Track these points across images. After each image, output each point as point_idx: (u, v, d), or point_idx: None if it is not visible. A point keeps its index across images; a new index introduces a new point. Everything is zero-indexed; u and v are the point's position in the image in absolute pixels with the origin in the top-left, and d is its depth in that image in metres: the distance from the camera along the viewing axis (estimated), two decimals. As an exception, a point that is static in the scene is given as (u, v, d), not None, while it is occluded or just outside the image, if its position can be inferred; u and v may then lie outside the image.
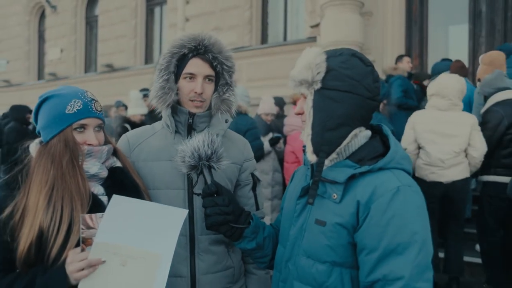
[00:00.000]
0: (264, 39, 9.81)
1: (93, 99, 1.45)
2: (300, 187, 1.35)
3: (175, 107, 1.66)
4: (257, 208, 1.81)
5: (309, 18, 8.61)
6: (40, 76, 15.75)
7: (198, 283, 1.64)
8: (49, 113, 1.41)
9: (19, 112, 6.99)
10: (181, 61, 1.64)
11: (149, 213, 1.33)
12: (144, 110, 5.86)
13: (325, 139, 1.22)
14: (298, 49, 8.93)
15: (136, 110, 5.75)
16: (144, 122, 5.59)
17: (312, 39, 8.11)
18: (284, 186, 5.26)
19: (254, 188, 1.82)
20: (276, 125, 5.43)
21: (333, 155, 1.24)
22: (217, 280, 1.67)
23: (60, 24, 14.36)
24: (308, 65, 1.25)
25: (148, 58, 12.52)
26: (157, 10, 12.48)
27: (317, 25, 7.59)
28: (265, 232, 1.48)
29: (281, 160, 5.24)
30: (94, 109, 1.44)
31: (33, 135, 1.51)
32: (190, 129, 1.67)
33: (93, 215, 1.29)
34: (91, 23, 14.09)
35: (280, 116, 6.01)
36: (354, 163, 1.22)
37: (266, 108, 5.14)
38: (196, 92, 1.61)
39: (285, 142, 5.16)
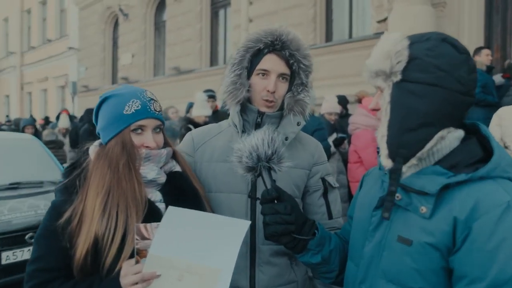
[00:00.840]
0: (328, 37, 9.54)
1: (152, 99, 1.39)
2: (374, 195, 1.16)
3: (245, 105, 1.56)
4: (330, 217, 1.64)
5: (376, 13, 8.22)
6: (114, 80, 16.67)
7: None
8: (108, 113, 1.36)
9: (91, 115, 7.33)
10: (255, 56, 1.54)
11: (207, 224, 1.23)
12: (208, 112, 5.89)
13: (404, 141, 1.04)
14: (364, 46, 8.55)
15: (201, 111, 5.79)
16: (208, 123, 5.59)
17: (379, 35, 7.60)
18: (349, 188, 5.01)
19: (325, 195, 1.65)
20: (340, 125, 5.20)
21: (413, 161, 1.04)
22: None
23: (131, 31, 15.08)
24: (387, 53, 1.06)
25: (213, 60, 12.73)
26: (221, 12, 12.65)
27: (384, 20, 7.22)
28: (331, 244, 1.30)
29: (345, 162, 4.99)
30: (153, 109, 1.37)
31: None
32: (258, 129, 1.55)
33: (148, 225, 1.21)
34: (159, 28, 14.64)
35: (345, 115, 5.75)
36: (445, 169, 1.01)
37: (329, 107, 4.94)
38: (268, 91, 1.50)
39: (349, 142, 4.90)
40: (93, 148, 1.41)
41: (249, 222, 1.23)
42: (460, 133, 1.06)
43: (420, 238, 0.99)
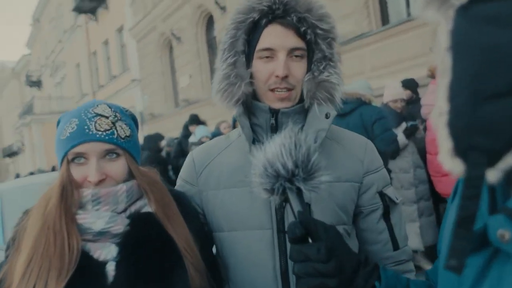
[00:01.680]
0: (384, 20, 8.76)
1: (98, 115, 1.02)
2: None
3: (250, 104, 1.14)
4: (396, 247, 1.19)
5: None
6: (176, 104, 16.98)
7: None
8: (55, 141, 1.07)
9: (151, 141, 7.31)
10: (252, 33, 1.12)
11: None
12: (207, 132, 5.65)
13: (482, 120, 0.52)
14: (426, 23, 7.71)
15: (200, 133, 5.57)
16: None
17: (442, 5, 6.86)
18: (431, 183, 4.30)
19: (386, 216, 1.18)
20: (409, 112, 4.52)
21: (509, 159, 0.51)
22: None
23: (185, 52, 15.29)
24: None
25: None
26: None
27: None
28: None
29: (422, 153, 4.31)
30: (95, 129, 1.00)
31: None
32: (275, 134, 1.09)
33: None
34: (212, 45, 14.67)
35: (415, 100, 5.02)
36: None
37: (392, 94, 4.27)
38: (278, 76, 1.07)
39: (425, 129, 4.18)
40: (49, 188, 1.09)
41: None
42: None
43: None
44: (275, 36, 1.08)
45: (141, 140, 16.75)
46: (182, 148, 7.14)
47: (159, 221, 1.04)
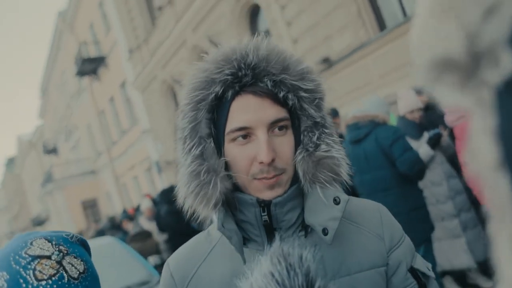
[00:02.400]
0: (381, 25, 8.53)
1: (35, 257, 0.77)
2: None
3: (231, 198, 0.89)
4: None
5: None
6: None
7: None
8: None
9: (167, 194, 7.08)
10: (215, 110, 0.89)
11: None
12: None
13: None
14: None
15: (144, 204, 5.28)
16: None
17: None
18: (468, 193, 3.91)
19: None
20: (429, 119, 4.17)
21: None
22: None
23: (190, 95, 15.31)
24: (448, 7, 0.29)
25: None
26: (264, 45, 12.27)
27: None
28: None
29: (451, 160, 3.94)
30: (35, 280, 0.76)
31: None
32: (271, 231, 0.88)
33: None
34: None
35: (432, 106, 4.67)
36: None
37: (407, 104, 3.96)
38: (262, 163, 0.84)
39: (452, 135, 3.78)
40: None
41: None
42: None
43: None
44: (248, 110, 0.85)
45: (158, 189, 16.56)
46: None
47: None
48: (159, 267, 5.49)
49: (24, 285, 0.75)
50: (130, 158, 21.88)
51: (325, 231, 0.84)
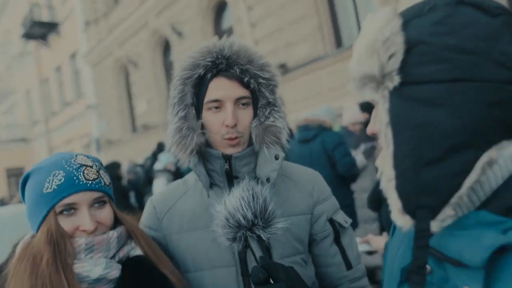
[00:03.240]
0: (338, 43, 9.13)
1: (83, 165, 1.03)
2: (401, 260, 0.73)
3: (203, 151, 1.18)
4: (349, 267, 1.29)
5: (382, 6, 7.78)
6: (133, 129, 16.72)
7: None
8: (30, 196, 1.04)
9: (109, 170, 7.12)
10: (198, 86, 1.20)
11: None
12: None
13: (425, 184, 0.63)
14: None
15: (162, 161, 5.51)
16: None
17: (392, 29, 7.25)
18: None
19: (337, 240, 1.28)
20: (367, 133, 4.70)
21: (447, 211, 0.63)
22: None
23: (142, 77, 15.19)
24: (372, 45, 0.66)
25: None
26: (226, 41, 12.52)
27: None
28: None
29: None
30: (84, 178, 1.01)
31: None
32: (231, 178, 1.18)
33: None
34: (168, 70, 14.64)
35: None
36: (500, 216, 0.58)
37: (350, 117, 4.46)
38: (227, 126, 1.15)
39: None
40: (21, 244, 1.06)
41: None
42: None
43: None
44: (221, 88, 1.16)
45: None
46: (149, 176, 7.08)
47: (151, 262, 1.08)
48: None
49: (77, 181, 1.00)
50: (69, 131, 21.15)
51: (268, 180, 1.16)
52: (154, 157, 7.42)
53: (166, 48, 14.54)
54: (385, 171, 0.68)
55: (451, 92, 0.61)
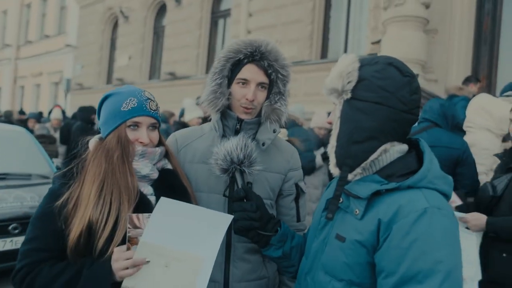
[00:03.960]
0: (324, 54, 9.74)
1: (149, 99, 1.48)
2: (326, 196, 1.31)
3: (225, 111, 1.66)
4: (298, 220, 1.77)
5: (371, 34, 8.44)
6: (108, 80, 16.70)
7: None
8: (108, 110, 1.47)
9: (85, 113, 7.43)
10: (235, 66, 1.63)
11: (195, 216, 1.33)
12: (200, 113, 5.98)
13: (350, 153, 1.16)
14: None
15: (192, 114, 5.84)
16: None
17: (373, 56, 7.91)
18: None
19: (296, 199, 1.77)
20: (328, 140, 5.34)
21: (358, 170, 1.17)
22: None
23: (130, 33, 15.19)
24: (340, 73, 1.19)
25: (209, 68, 12.64)
26: (220, 22, 12.83)
27: (378, 42, 7.42)
28: (293, 241, 1.43)
29: (331, 176, 5.12)
30: (149, 108, 1.47)
31: (97, 133, 1.57)
32: (237, 134, 1.66)
33: (140, 215, 1.30)
34: (158, 33, 14.78)
35: (334, 131, 5.90)
36: (382, 178, 1.14)
37: (318, 121, 5.09)
38: (247, 99, 1.59)
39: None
40: (93, 141, 1.50)
41: (232, 216, 1.35)
42: (403, 147, 1.19)
43: (352, 236, 1.13)
44: (251, 72, 1.61)
45: (68, 108, 16.01)
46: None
47: (178, 175, 1.55)
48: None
49: (144, 108, 1.44)
50: (40, 64, 20.66)
51: (263, 144, 1.66)
52: None
53: (161, 11, 14.63)
54: (331, 142, 1.22)
55: (373, 108, 1.13)
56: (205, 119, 5.95)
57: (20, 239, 4.42)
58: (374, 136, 1.14)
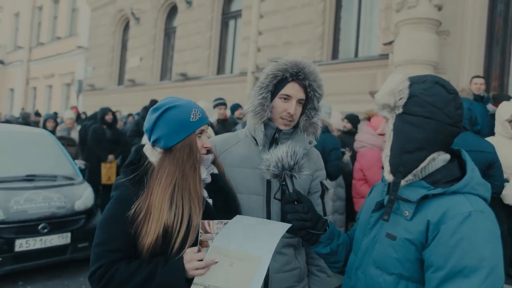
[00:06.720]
0: (334, 55, 9.83)
1: (202, 108, 1.64)
2: (375, 201, 1.44)
3: (266, 122, 1.81)
4: (324, 214, 1.91)
5: (382, 35, 8.53)
6: (120, 82, 16.92)
7: (271, 281, 1.79)
8: (174, 121, 1.54)
9: (102, 114, 7.56)
10: (279, 82, 1.78)
11: (258, 225, 1.51)
12: (214, 117, 6.12)
13: (403, 161, 1.30)
14: (369, 66, 8.85)
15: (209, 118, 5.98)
16: (213, 128, 5.84)
17: (384, 57, 8.02)
18: (347, 201, 5.26)
19: (322, 196, 1.93)
20: (343, 140, 5.46)
21: (409, 176, 1.30)
22: (287, 279, 1.82)
23: (141, 35, 15.39)
24: (392, 91, 1.34)
25: (220, 68, 13.02)
26: (231, 23, 12.98)
27: (390, 43, 7.52)
28: (339, 239, 1.57)
29: (346, 175, 5.24)
30: (206, 118, 1.63)
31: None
32: (273, 143, 1.81)
33: (210, 221, 1.46)
34: (169, 34, 14.96)
35: (353, 132, 6.02)
36: (428, 184, 1.27)
37: (333, 122, 5.19)
38: (289, 113, 1.75)
39: (355, 158, 5.14)
40: (150, 151, 1.59)
41: (288, 225, 1.49)
42: (446, 156, 1.32)
43: (402, 235, 1.27)
44: (294, 89, 1.77)
45: (80, 108, 16.16)
46: (138, 129, 7.48)
47: (224, 179, 1.70)
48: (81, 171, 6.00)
49: (205, 117, 1.57)
50: (52, 66, 20.95)
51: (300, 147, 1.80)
52: (145, 111, 7.80)
53: (172, 12, 14.81)
54: (385, 152, 1.34)
55: (423, 122, 1.26)
56: (224, 124, 6.12)
57: (49, 238, 4.62)
58: (423, 146, 1.28)
